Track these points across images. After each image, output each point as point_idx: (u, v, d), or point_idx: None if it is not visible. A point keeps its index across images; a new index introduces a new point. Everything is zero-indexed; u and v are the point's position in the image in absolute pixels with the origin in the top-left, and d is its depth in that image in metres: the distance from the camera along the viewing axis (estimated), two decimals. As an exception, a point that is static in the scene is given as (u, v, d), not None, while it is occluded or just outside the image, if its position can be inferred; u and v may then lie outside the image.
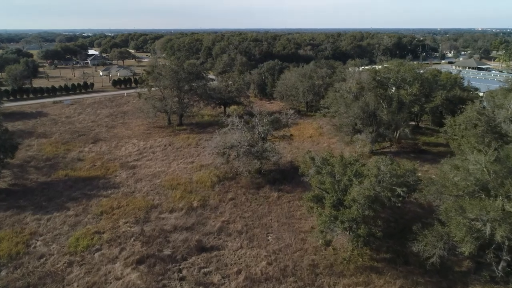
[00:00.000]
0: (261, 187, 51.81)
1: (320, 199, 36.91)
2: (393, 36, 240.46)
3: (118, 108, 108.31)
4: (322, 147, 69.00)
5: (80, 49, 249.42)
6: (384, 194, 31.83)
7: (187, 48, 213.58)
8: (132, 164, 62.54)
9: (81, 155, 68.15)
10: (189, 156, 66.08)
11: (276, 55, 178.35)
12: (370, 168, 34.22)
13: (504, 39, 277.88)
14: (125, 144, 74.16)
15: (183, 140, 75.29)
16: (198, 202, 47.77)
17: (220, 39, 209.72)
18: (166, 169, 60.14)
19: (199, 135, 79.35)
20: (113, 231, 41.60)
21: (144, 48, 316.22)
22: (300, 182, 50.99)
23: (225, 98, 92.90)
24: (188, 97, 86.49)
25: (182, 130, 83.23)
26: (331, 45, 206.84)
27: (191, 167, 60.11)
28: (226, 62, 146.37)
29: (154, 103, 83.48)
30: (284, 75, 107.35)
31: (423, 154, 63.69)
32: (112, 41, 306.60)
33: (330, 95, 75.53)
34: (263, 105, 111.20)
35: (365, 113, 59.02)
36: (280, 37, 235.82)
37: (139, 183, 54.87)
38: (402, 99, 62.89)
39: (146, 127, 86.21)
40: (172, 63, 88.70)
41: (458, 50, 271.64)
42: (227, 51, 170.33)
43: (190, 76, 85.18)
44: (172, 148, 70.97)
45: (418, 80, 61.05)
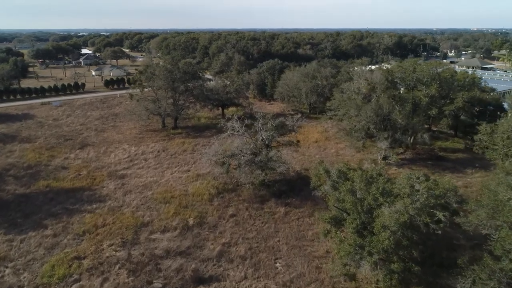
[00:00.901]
0: (266, 200, 46.02)
1: (339, 221, 31.20)
2: (394, 35, 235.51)
3: (109, 109, 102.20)
4: (329, 153, 63.35)
5: (72, 48, 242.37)
6: (421, 219, 26.20)
7: (183, 47, 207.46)
8: (121, 173, 56.59)
9: (66, 162, 62.09)
10: (184, 163, 60.20)
11: (275, 54, 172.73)
12: (401, 186, 28.56)
13: (505, 39, 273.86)
14: (115, 149, 68.15)
15: (178, 146, 69.37)
16: (194, 219, 41.93)
17: (217, 38, 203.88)
18: (159, 179, 54.24)
19: (195, 139, 73.47)
20: (96, 256, 35.68)
21: (139, 47, 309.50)
22: (309, 195, 45.31)
23: (223, 99, 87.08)
24: (183, 99, 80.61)
25: (177, 134, 77.29)
26: (331, 44, 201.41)
27: (187, 177, 54.24)
28: (223, 61, 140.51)
29: (147, 105, 77.52)
30: (285, 75, 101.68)
31: (441, 162, 58.19)
32: (106, 40, 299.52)
33: (337, 96, 70.01)
34: (262, 106, 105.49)
35: (379, 117, 53.46)
36: (278, 36, 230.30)
37: (128, 196, 48.95)
38: (417, 101, 57.38)
39: (138, 131, 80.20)
40: (167, 62, 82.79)
41: (458, 50, 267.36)
42: (225, 50, 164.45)
43: (185, 76, 79.28)
44: (166, 154, 65.04)
45: (436, 80, 55.60)
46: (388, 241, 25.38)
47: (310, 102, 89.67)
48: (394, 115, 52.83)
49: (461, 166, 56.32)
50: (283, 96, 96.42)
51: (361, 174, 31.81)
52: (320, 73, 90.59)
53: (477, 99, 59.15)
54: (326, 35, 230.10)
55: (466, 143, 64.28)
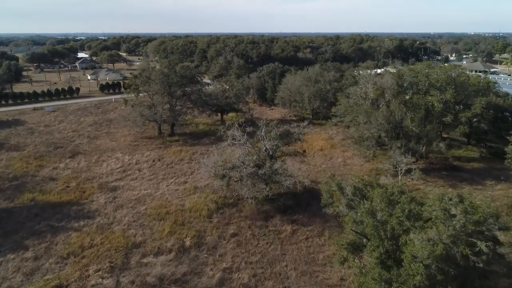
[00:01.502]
0: (270, 217, 41.94)
1: (358, 247, 27.21)
2: (394, 39, 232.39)
3: (103, 115, 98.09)
4: (336, 162, 59.38)
5: (68, 52, 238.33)
6: (459, 249, 22.25)
7: (180, 51, 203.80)
8: (113, 185, 52.45)
9: (55, 173, 57.94)
10: (181, 174, 56.12)
11: (274, 58, 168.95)
12: (432, 209, 24.58)
13: (506, 43, 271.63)
14: (107, 158, 64.03)
15: (174, 154, 65.28)
16: (191, 239, 37.80)
17: (216, 42, 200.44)
18: (154, 191, 50.13)
19: (193, 147, 69.42)
20: (80, 285, 31.54)
21: (137, 51, 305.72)
22: (318, 211, 41.40)
23: (223, 104, 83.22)
24: (180, 104, 76.67)
25: (173, 141, 73.22)
26: (331, 48, 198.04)
27: (184, 190, 50.15)
28: (222, 65, 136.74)
29: (142, 111, 73.50)
30: (286, 79, 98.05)
31: (456, 172, 54.31)
32: (102, 43, 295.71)
33: (343, 101, 66.33)
34: (263, 111, 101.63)
35: (390, 124, 49.61)
36: (277, 40, 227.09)
37: (119, 211, 44.82)
38: (430, 107, 53.60)
39: (133, 138, 76.12)
40: (163, 66, 78.90)
41: (459, 53, 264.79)
42: (223, 53, 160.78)
43: (183, 80, 75.38)
44: (162, 164, 60.95)
45: (450, 84, 51.87)
46: (421, 277, 21.38)
47: (313, 107, 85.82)
48: (406, 122, 48.96)
49: (479, 177, 52.43)
50: (285, 101, 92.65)
51: (382, 193, 27.83)
52: (323, 77, 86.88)
53: (493, 105, 55.44)
54: (326, 39, 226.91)
55: (481, 151, 60.45)
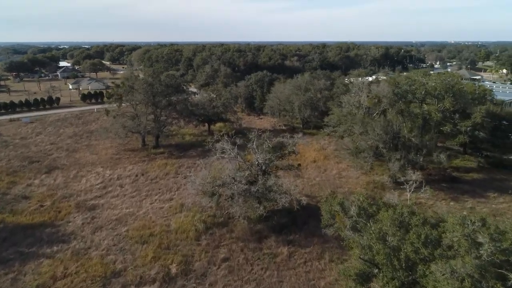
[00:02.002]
0: (264, 237, 38.51)
1: (368, 277, 24.05)
2: (381, 47, 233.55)
3: (84, 126, 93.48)
4: (331, 175, 56.47)
5: (50, 60, 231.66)
6: (489, 284, 19.29)
7: (166, 59, 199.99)
8: (92, 204, 48.27)
9: (28, 190, 53.42)
10: (166, 190, 52.28)
11: (261, 66, 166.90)
12: (452, 235, 21.62)
13: (488, 51, 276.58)
14: (87, 173, 59.73)
15: (159, 168, 61.40)
16: (178, 265, 34.06)
17: (202, 50, 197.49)
18: (136, 210, 46.18)
19: (179, 160, 65.65)
20: (49, 325, 27.48)
21: (121, 60, 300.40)
22: (316, 230, 38.32)
23: (210, 114, 79.80)
24: (165, 114, 72.94)
25: (158, 153, 69.29)
26: (318, 56, 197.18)
27: (169, 208, 46.35)
28: (209, 73, 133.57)
29: (125, 122, 69.46)
30: (275, 87, 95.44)
31: (456, 184, 51.98)
32: (85, 52, 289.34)
33: (336, 111, 63.76)
34: (252, 121, 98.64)
35: (388, 135, 47.02)
36: (264, 48, 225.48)
37: (98, 234, 40.76)
38: (427, 116, 51.33)
39: (115, 150, 71.88)
40: (147, 75, 75.22)
41: (444, 61, 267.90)
42: (210, 62, 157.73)
43: (168, 89, 71.79)
44: (146, 178, 56.98)
45: (449, 92, 49.76)
46: (447, 317, 18.29)
47: (304, 116, 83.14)
48: (405, 133, 46.47)
49: (480, 188, 50.17)
50: (274, 110, 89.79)
51: (391, 214, 24.82)
52: (313, 85, 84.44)
53: (491, 113, 53.61)
54: (313, 47, 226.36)
55: (478, 161, 58.48)
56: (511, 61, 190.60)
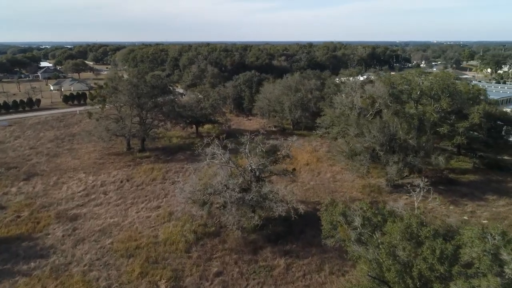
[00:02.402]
0: (259, 248, 36.23)
1: (377, 297, 22.02)
2: (367, 47, 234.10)
3: (66, 129, 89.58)
4: (325, 178, 54.56)
5: (30, 61, 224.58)
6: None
7: (151, 59, 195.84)
8: (73, 213, 45.20)
9: (5, 199, 49.98)
10: (153, 197, 49.50)
11: (249, 66, 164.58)
12: (472, 251, 19.72)
13: (472, 51, 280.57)
14: (68, 180, 56.45)
15: (145, 173, 58.50)
16: (167, 282, 31.51)
17: (188, 50, 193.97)
18: (121, 220, 43.34)
19: (166, 164, 62.82)
20: None
21: (104, 60, 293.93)
22: (313, 238, 36.31)
23: (198, 116, 77.10)
24: (151, 116, 69.97)
25: (144, 157, 66.32)
26: (306, 56, 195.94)
27: (157, 216, 43.66)
28: (195, 73, 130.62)
29: (108, 125, 66.25)
30: (265, 88, 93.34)
31: (454, 186, 50.69)
32: (68, 52, 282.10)
33: (328, 112, 61.94)
34: (240, 122, 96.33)
35: (385, 136, 45.32)
36: (251, 48, 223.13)
37: (80, 247, 37.86)
38: (423, 117, 49.86)
39: (98, 155, 68.58)
40: (131, 75, 72.12)
41: (429, 60, 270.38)
42: (196, 62, 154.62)
43: (154, 90, 68.84)
44: (131, 185, 54.05)
45: (445, 92, 48.40)
46: None
47: (295, 117, 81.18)
48: (402, 134, 44.84)
49: (478, 191, 48.93)
50: (264, 111, 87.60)
51: (400, 227, 22.87)
52: (304, 86, 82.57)
53: (487, 113, 52.54)
54: (300, 47, 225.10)
55: (474, 162, 57.41)
56: (495, 60, 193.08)
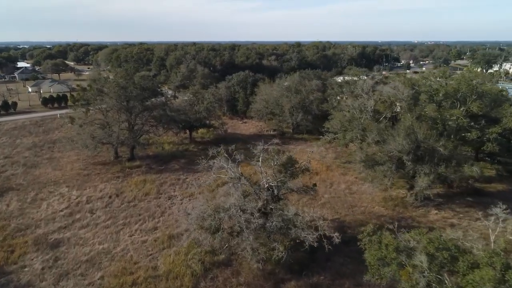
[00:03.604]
0: (281, 282, 30.43)
1: None
2: (357, 46, 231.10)
3: (46, 135, 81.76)
4: (340, 190, 49.22)
5: (6, 61, 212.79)
6: None
7: (135, 59, 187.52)
8: (55, 239, 38.56)
9: (-28, 221, 42.85)
10: (148, 216, 43.17)
11: (239, 66, 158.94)
12: None
13: (459, 50, 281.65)
14: (48, 196, 49.54)
15: (137, 186, 52.00)
16: (174, 333, 25.49)
17: (174, 49, 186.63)
18: (113, 246, 36.98)
19: (160, 175, 56.44)
20: None
21: (86, 60, 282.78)
22: (342, 267, 30.83)
23: (192, 120, 70.84)
24: (142, 121, 63.40)
25: (134, 167, 59.73)
26: (297, 55, 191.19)
27: (154, 241, 37.45)
28: (184, 74, 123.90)
29: (93, 132, 59.45)
30: (261, 89, 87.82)
31: (482, 197, 46.04)
32: (47, 52, 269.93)
33: (338, 115, 56.76)
34: (235, 125, 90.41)
35: (411, 144, 40.25)
36: (239, 47, 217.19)
37: (63, 283, 31.43)
38: (448, 121, 45.05)
39: (83, 164, 61.63)
40: (118, 76, 65.39)
41: (417, 60, 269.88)
42: (184, 61, 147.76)
43: (144, 93, 62.31)
44: (121, 201, 47.55)
45: (474, 94, 43.72)
46: None
47: (296, 120, 75.73)
48: (432, 142, 39.85)
49: (511, 202, 44.33)
50: (262, 113, 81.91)
51: (491, 275, 17.53)
52: (304, 86, 77.25)
53: (512, 117, 48.18)
54: (290, 46, 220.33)
55: (496, 169, 53.07)
56: (485, 59, 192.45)
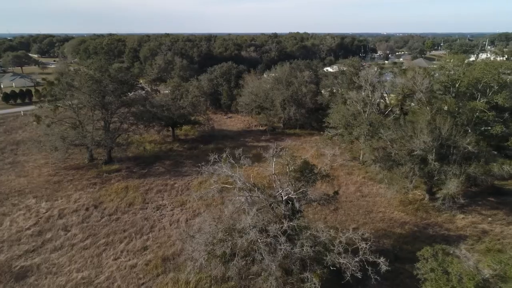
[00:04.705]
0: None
1: None
2: (336, 37, 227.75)
3: (8, 136, 72.42)
4: (349, 193, 44.19)
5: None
6: None
7: (106, 51, 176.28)
8: (21, 267, 31.53)
9: None
10: (135, 232, 36.66)
11: (217, 57, 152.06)
12: None
13: (434, 41, 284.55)
14: (12, 209, 41.94)
15: (118, 195, 45.13)
16: None
17: (147, 40, 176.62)
18: (94, 274, 30.39)
19: (143, 180, 49.71)
20: None
21: (51, 52, 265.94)
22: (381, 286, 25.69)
23: (175, 116, 64.01)
24: (120, 120, 56.13)
25: (113, 172, 52.60)
26: (276, 46, 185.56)
27: (145, 264, 31.13)
28: (161, 66, 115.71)
29: (64, 132, 51.77)
30: (246, 81, 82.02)
31: (504, 196, 42.35)
32: (7, 43, 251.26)
33: (341, 109, 51.78)
34: (220, 121, 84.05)
35: (436, 142, 35.69)
36: (215, 38, 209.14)
37: (33, 330, 24.77)
38: (468, 114, 40.80)
39: (52, 170, 53.87)
40: (91, 68, 57.60)
41: (393, 51, 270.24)
42: (160, 53, 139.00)
43: (123, 87, 55.02)
44: (101, 214, 40.68)
45: (497, 83, 39.63)
46: None
47: (289, 115, 70.28)
48: (459, 139, 35.43)
49: (538, 203, 40.88)
50: (251, 107, 75.99)
51: None
52: (296, 78, 71.85)
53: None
54: (269, 37, 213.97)
55: (509, 164, 49.63)
56: (462, 49, 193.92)
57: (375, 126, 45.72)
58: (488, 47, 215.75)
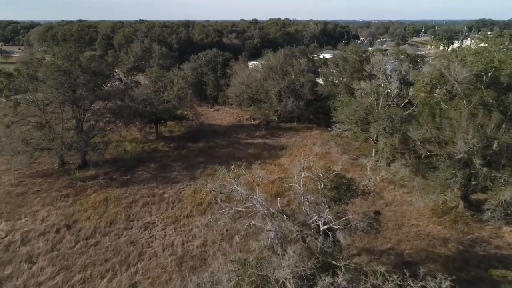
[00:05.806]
0: None
1: None
2: (319, 23, 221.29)
3: (-37, 136, 62.59)
4: (371, 200, 38.23)
5: None
6: None
7: (76, 38, 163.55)
8: (-32, 322, 23.90)
9: None
10: (119, 263, 29.32)
11: (198, 44, 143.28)
12: None
13: (415, 28, 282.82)
14: (-38, 233, 33.66)
15: (96, 210, 37.40)
16: None
17: (121, 26, 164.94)
18: (68, 329, 23.14)
19: (125, 189, 42.07)
20: None
21: (15, 40, 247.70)
22: None
23: (159, 112, 56.09)
24: (95, 117, 47.86)
25: (89, 179, 44.59)
26: (258, 32, 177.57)
27: (137, 314, 24.13)
28: (138, 54, 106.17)
29: (27, 134, 43.25)
30: (234, 69, 74.82)
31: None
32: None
33: (353, 103, 45.50)
34: (207, 114, 76.47)
35: (480, 142, 29.95)
36: (194, 24, 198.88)
37: None
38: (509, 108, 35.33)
39: (15, 178, 45.34)
40: (58, 57, 48.82)
41: (375, 37, 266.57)
42: (136, 40, 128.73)
43: (96, 79, 46.67)
44: (75, 237, 33.01)
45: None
46: None
47: (286, 107, 63.48)
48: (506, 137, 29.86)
49: None
50: (243, 99, 68.82)
51: None
52: (293, 67, 65.02)
53: None
54: (250, 23, 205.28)
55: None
56: (447, 36, 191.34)
57: (394, 121, 39.78)
58: (470, 33, 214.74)
